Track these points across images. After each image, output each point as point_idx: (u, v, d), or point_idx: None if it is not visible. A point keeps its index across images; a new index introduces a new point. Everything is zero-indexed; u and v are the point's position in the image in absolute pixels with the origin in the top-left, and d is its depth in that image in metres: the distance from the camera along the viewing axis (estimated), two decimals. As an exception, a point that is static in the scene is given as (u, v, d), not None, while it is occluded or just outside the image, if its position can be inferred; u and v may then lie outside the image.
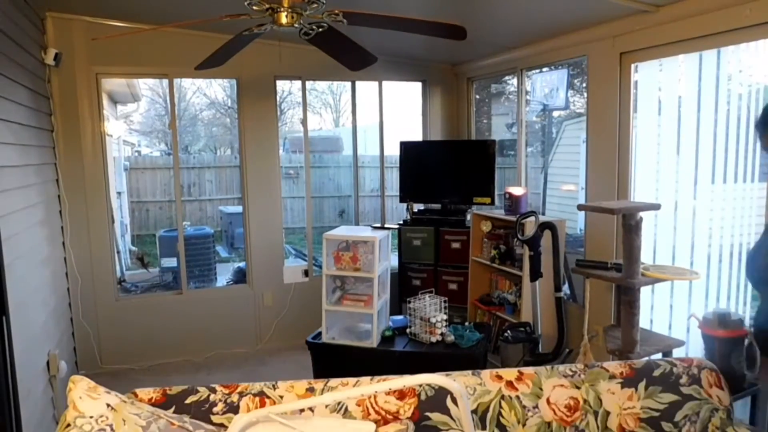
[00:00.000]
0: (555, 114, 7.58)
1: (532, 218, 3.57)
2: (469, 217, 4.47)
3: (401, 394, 1.59)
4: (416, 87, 5.33)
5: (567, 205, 7.00)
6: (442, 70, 5.25)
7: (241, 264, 5.60)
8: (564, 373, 1.67)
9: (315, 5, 2.32)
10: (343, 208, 10.42)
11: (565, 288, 4.09)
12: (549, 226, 3.45)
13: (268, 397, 1.61)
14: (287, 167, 10.23)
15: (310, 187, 5.05)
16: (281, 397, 1.62)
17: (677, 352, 3.03)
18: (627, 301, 2.74)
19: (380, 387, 1.36)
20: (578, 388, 1.65)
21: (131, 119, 13.05)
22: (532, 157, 7.77)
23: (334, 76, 5.16)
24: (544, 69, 5.74)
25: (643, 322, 3.12)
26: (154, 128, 15.10)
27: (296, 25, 2.41)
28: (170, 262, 6.09)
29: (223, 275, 6.68)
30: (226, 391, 1.61)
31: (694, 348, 3.17)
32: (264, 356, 4.61)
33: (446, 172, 4.78)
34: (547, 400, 1.61)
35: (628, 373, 1.68)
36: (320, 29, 2.52)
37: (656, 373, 1.67)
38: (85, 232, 4.20)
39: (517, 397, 1.61)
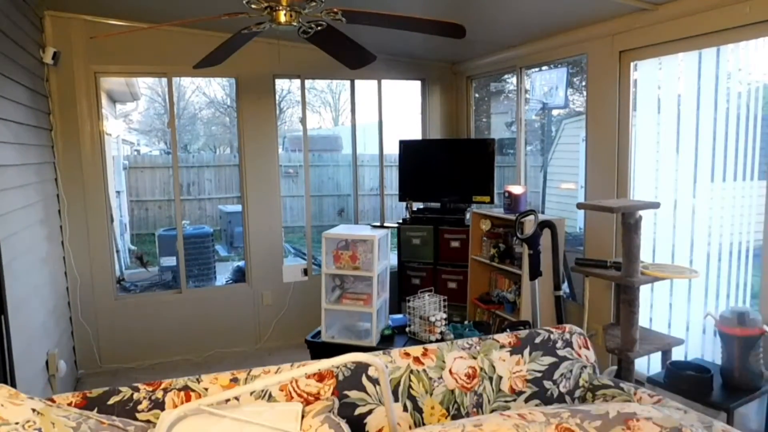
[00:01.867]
0: (554, 112, 7.58)
1: (532, 217, 3.57)
2: (468, 215, 4.47)
3: (320, 377, 1.68)
4: (415, 85, 5.33)
5: (566, 204, 7.01)
6: (442, 68, 5.25)
7: (241, 263, 5.59)
8: (462, 347, 1.86)
9: (314, 4, 2.32)
10: (343, 207, 10.42)
11: (565, 287, 4.09)
12: (548, 224, 3.45)
13: (193, 391, 1.66)
14: (286, 166, 10.24)
15: (310, 185, 5.05)
16: (206, 389, 1.67)
17: (676, 351, 3.03)
18: (626, 299, 2.74)
19: (299, 372, 1.44)
20: (475, 358, 1.82)
21: (130, 118, 13.05)
22: (532, 155, 7.77)
23: (333, 75, 5.15)
24: (544, 67, 5.73)
25: (643, 320, 3.12)
26: (153, 127, 15.08)
27: (295, 24, 2.41)
28: (169, 261, 6.08)
29: (223, 274, 6.68)
30: (150, 389, 1.63)
31: (693, 347, 3.17)
32: (263, 355, 4.61)
33: (445, 171, 4.77)
34: (450, 371, 1.78)
35: (515, 343, 1.89)
36: (319, 28, 2.52)
37: (537, 340, 1.91)
38: (84, 231, 4.20)
39: (424, 370, 1.77)
